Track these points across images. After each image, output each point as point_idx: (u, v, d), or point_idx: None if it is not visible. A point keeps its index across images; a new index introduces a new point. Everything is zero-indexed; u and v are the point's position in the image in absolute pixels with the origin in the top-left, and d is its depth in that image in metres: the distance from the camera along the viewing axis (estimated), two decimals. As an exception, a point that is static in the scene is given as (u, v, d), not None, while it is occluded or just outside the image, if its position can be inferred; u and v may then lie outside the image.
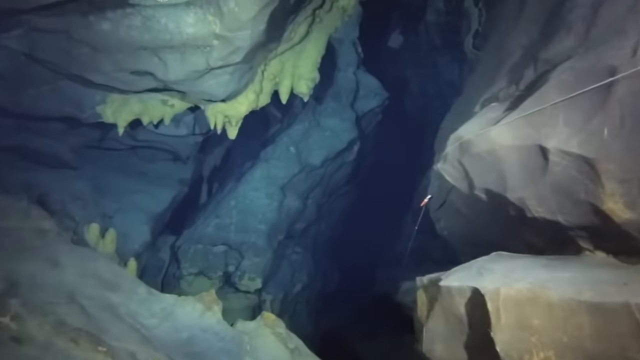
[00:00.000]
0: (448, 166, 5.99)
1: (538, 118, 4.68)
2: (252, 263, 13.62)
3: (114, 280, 7.66)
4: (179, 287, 13.86)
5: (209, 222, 13.94)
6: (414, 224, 18.32)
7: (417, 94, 19.35)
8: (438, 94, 17.81)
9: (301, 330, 17.09)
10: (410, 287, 11.98)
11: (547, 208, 4.85)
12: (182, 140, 13.62)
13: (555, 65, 5.02)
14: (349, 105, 14.94)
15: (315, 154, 14.19)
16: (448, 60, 15.95)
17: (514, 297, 4.00)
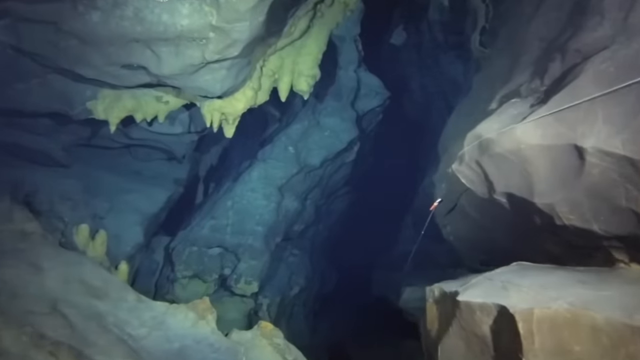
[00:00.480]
0: (464, 168, 5.42)
1: (572, 114, 4.12)
2: (248, 266, 13.03)
3: (101, 287, 7.08)
4: (173, 290, 13.27)
5: (205, 224, 13.35)
6: (414, 226, 17.78)
7: (417, 93, 18.76)
8: (440, 93, 17.25)
9: (298, 335, 16.60)
10: (413, 293, 11.42)
11: (580, 215, 4.29)
12: (177, 139, 13.03)
13: (588, 55, 4.47)
14: (349, 105, 14.36)
15: (315, 154, 13.61)
16: (451, 58, 15.39)
17: (551, 318, 3.44)
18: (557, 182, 4.31)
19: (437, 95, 17.60)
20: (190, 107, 11.73)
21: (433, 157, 18.71)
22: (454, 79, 15.48)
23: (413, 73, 18.62)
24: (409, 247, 18.13)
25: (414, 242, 17.72)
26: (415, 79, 18.65)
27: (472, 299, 4.23)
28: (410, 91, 19.08)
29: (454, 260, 13.50)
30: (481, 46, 11.31)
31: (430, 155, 18.85)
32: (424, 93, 18.61)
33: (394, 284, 17.77)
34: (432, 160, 18.40)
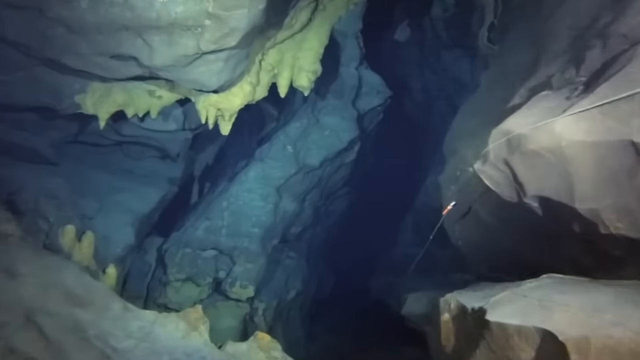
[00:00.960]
0: (489, 168, 4.78)
1: (625, 106, 3.50)
2: (244, 269, 12.38)
3: (84, 294, 6.42)
4: (165, 293, 12.60)
5: (199, 225, 12.68)
6: (415, 229, 17.13)
7: (418, 92, 18.13)
8: (442, 92, 16.65)
9: (295, 340, 15.95)
10: (417, 300, 10.79)
11: (631, 223, 3.66)
12: (171, 136, 12.35)
13: (638, 40, 3.85)
14: (350, 103, 13.73)
15: (314, 154, 12.96)
16: (455, 56, 14.79)
17: (613, 350, 2.81)
18: (604, 184, 3.68)
19: (439, 95, 17.01)
20: (185, 103, 11.08)
21: (435, 157, 18.11)
22: (458, 77, 14.89)
23: (414, 71, 18.01)
24: (409, 250, 17.51)
25: (414, 245, 17.13)
26: (416, 77, 18.04)
27: (505, 320, 3.60)
28: (411, 90, 18.47)
29: (458, 265, 12.90)
30: (489, 42, 10.69)
31: (432, 156, 18.25)
32: (425, 92, 18.00)
33: (393, 288, 17.14)
34: (433, 160, 17.80)
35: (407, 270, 16.40)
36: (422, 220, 16.25)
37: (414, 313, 10.10)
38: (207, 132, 16.22)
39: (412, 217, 17.81)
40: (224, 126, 9.80)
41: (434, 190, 14.65)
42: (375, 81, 14.43)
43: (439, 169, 14.75)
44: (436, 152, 18.29)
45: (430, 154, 18.69)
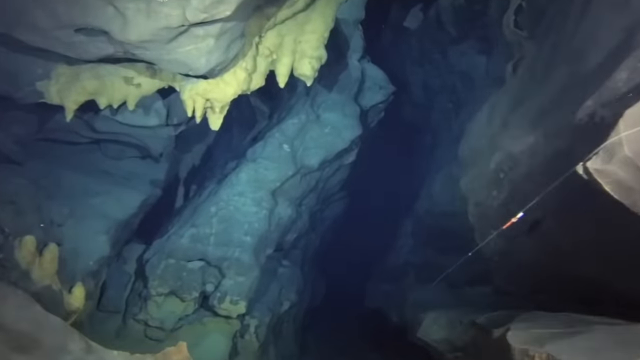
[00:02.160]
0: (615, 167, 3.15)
1: None
2: (234, 283, 10.68)
3: (29, 333, 4.70)
4: (146, 308, 10.86)
5: (184, 233, 10.93)
6: (414, 235, 15.49)
7: (417, 90, 16.49)
8: (444, 89, 15.06)
9: (288, 355, 14.29)
10: (436, 322, 9.17)
11: None
12: (153, 133, 10.60)
13: None
14: (352, 99, 12.09)
15: (312, 154, 11.29)
16: (462, 50, 13.21)
17: None
18: None
19: (440, 92, 15.43)
20: (168, 94, 9.39)
21: (434, 159, 16.58)
22: (466, 72, 13.34)
23: (413, 67, 16.39)
24: (409, 257, 15.94)
25: (414, 252, 15.53)
26: (416, 73, 16.42)
27: None
28: (409, 87, 16.85)
29: (473, 277, 11.32)
30: (516, 28, 9.11)
31: (430, 158, 16.71)
32: (426, 89, 16.41)
33: (393, 297, 15.50)
34: (432, 163, 16.26)
35: (408, 278, 14.82)
36: (425, 227, 14.69)
37: (432, 337, 8.49)
38: (193, 129, 14.49)
39: (412, 223, 16.22)
40: (214, 120, 8.11)
41: (443, 195, 13.10)
42: (378, 75, 12.83)
43: (444, 172, 13.21)
44: (435, 154, 16.77)
45: (427, 155, 17.14)
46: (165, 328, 10.97)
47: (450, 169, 12.08)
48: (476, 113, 9.51)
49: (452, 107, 14.93)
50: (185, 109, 8.13)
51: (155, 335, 11.03)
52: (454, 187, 11.71)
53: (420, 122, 17.87)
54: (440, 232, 13.26)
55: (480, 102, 10.69)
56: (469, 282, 11.64)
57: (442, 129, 15.70)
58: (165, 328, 10.97)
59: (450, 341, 7.97)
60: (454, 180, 11.74)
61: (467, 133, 9.77)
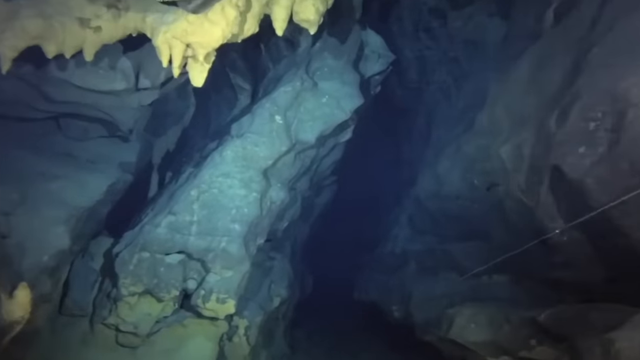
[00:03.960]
0: None
1: None
2: (221, 279, 8.70)
3: None
4: (116, 311, 8.85)
5: (160, 221, 8.89)
6: (411, 222, 13.64)
7: (411, 63, 14.60)
8: (443, 61, 13.27)
9: (279, 355, 12.37)
10: (474, 320, 7.28)
11: None
12: (120, 101, 8.51)
13: None
14: (351, 65, 10.18)
15: (308, 127, 9.36)
16: (469, 12, 11.41)
17: None
18: None
19: (439, 66, 13.63)
20: (137, 46, 7.37)
21: (433, 140, 14.80)
22: (473, 40, 11.56)
23: (404, 40, 14.51)
24: (405, 245, 14.11)
25: (411, 240, 13.69)
26: (408, 47, 14.53)
27: None
28: (402, 60, 14.97)
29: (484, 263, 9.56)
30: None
31: (428, 139, 14.92)
32: (420, 64, 14.57)
33: (389, 289, 13.72)
34: (431, 144, 14.49)
35: (408, 268, 13.01)
36: (427, 212, 12.87)
37: (471, 339, 6.70)
38: (168, 108, 12.56)
39: (408, 210, 14.41)
40: (197, 73, 6.12)
41: (452, 175, 11.30)
42: (376, 42, 10.96)
43: (451, 150, 11.39)
44: (432, 135, 14.98)
45: (422, 137, 15.34)
46: (140, 333, 8.98)
47: (461, 146, 10.29)
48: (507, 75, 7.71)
49: (453, 82, 13.15)
50: (159, 68, 6.16)
51: (128, 341, 9.04)
52: (468, 165, 9.94)
53: (412, 102, 16.07)
54: (447, 217, 11.48)
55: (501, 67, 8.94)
56: (487, 271, 9.89)
57: (439, 107, 13.91)
58: (139, 333, 8.97)
59: (497, 344, 6.20)
60: (467, 158, 9.98)
61: (496, 98, 7.95)
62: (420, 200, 12.75)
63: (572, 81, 5.24)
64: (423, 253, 12.15)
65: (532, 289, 8.02)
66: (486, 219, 9.96)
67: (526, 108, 6.43)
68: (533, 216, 6.12)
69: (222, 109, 13.58)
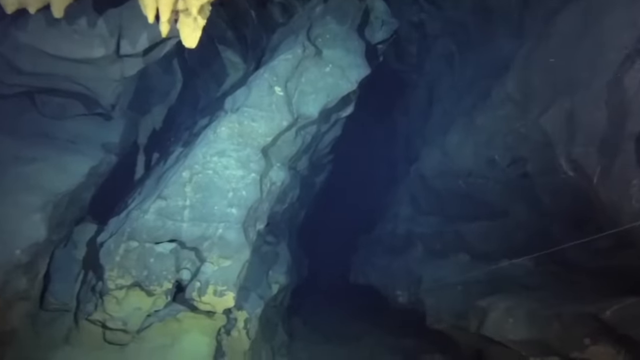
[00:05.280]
0: None
1: None
2: (219, 269, 7.67)
3: None
4: (103, 306, 7.82)
5: (148, 207, 7.82)
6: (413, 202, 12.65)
7: (410, 32, 13.42)
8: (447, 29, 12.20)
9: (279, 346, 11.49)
10: (512, 315, 6.17)
11: None
12: (100, 72, 7.30)
13: None
14: (355, 31, 9.12)
15: (311, 100, 8.30)
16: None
17: None
18: None
19: (442, 34, 12.55)
20: (117, 4, 6.25)
21: (436, 114, 13.81)
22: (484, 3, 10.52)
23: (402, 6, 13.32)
24: (409, 226, 13.16)
25: (414, 220, 12.74)
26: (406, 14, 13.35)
27: None
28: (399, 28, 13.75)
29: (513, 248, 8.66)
30: None
31: (430, 114, 13.92)
32: (419, 32, 13.45)
33: (393, 273, 12.82)
34: (434, 119, 13.50)
35: (415, 251, 12.11)
36: (432, 191, 11.90)
37: (511, 337, 5.81)
38: (152, 84, 11.44)
39: (410, 188, 13.47)
40: (189, 31, 5.02)
41: (463, 150, 10.35)
42: (380, 7, 9.87)
43: (461, 124, 10.40)
44: (434, 108, 13.98)
45: (423, 112, 14.34)
46: (129, 329, 7.99)
47: (474, 119, 9.33)
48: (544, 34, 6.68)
49: (457, 50, 12.13)
50: (143, 24, 5.07)
51: (116, 338, 8.06)
52: (484, 139, 9.00)
53: (409, 73, 15.02)
54: (456, 196, 10.58)
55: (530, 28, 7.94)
56: (507, 254, 9.01)
57: (442, 78, 12.90)
58: (129, 329, 7.98)
59: (545, 342, 5.32)
60: (482, 131, 9.03)
61: (527, 62, 6.94)
62: (425, 178, 11.82)
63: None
64: (430, 235, 11.26)
65: (567, 278, 7.15)
66: (503, 198, 9.08)
67: (577, 68, 5.46)
68: (588, 194, 5.19)
69: (211, 85, 12.47)
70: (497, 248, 8.99)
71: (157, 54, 7.11)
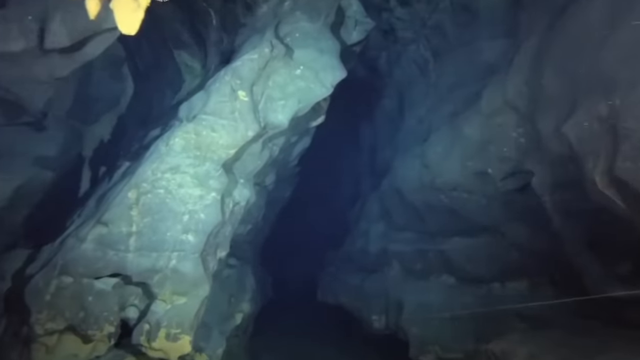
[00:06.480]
0: None
1: None
2: (172, 308, 6.30)
3: None
4: (30, 355, 6.30)
5: (86, 234, 6.39)
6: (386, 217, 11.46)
7: (378, 35, 12.26)
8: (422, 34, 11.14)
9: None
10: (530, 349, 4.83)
11: None
12: (24, 71, 5.83)
13: None
14: (328, 29, 7.91)
15: (279, 107, 7.05)
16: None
17: None
18: None
19: (415, 39, 11.46)
20: None
21: (408, 125, 12.73)
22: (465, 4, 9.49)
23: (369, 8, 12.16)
24: (383, 244, 11.90)
25: (388, 237, 11.52)
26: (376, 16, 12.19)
27: None
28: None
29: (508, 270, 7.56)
30: None
31: (402, 124, 12.82)
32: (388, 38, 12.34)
33: (366, 294, 11.58)
34: (408, 129, 12.40)
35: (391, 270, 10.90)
36: (408, 206, 10.69)
37: None
38: (98, 90, 10.06)
39: (381, 203, 12.30)
40: (126, 13, 3.69)
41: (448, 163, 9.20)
42: (353, 6, 8.70)
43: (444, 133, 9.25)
44: (405, 119, 12.88)
45: (393, 121, 13.24)
46: (63, 383, 6.48)
47: (460, 128, 8.23)
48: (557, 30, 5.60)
49: (432, 56, 11.07)
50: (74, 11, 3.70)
51: (48, 393, 6.52)
52: (472, 150, 7.91)
53: (375, 80, 13.88)
54: (436, 212, 9.45)
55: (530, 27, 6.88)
56: (499, 277, 7.90)
57: (415, 85, 11.82)
58: (62, 383, 6.48)
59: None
60: (470, 142, 7.93)
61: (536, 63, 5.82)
62: (401, 191, 10.67)
63: None
64: (409, 253, 10.10)
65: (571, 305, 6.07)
66: (494, 214, 7.99)
67: (613, 64, 4.38)
68: (621, 214, 4.10)
69: (166, 92, 11.12)
70: (487, 270, 7.92)
71: (93, 49, 5.71)
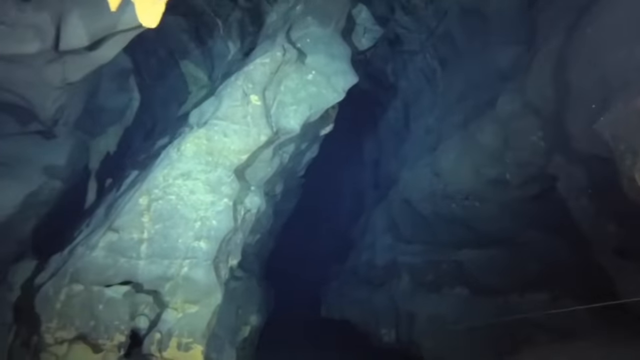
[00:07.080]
0: None
1: None
2: (184, 316, 6.15)
3: None
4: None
5: (97, 242, 6.25)
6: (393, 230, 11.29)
7: (383, 44, 12.14)
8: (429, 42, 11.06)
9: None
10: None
11: None
12: (36, 75, 5.72)
13: None
14: (339, 35, 7.84)
15: (292, 112, 6.96)
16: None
17: None
18: None
19: (423, 48, 11.40)
20: None
21: (415, 134, 12.63)
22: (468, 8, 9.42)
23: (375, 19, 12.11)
24: (391, 256, 11.78)
25: (395, 248, 11.40)
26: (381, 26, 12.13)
27: None
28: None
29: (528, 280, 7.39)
30: None
31: (407, 133, 12.71)
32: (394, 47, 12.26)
33: (375, 307, 11.37)
34: (414, 139, 12.30)
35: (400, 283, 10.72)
36: (417, 217, 10.59)
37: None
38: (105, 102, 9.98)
39: (387, 214, 12.12)
40: (147, 5, 3.61)
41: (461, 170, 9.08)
42: (361, 13, 8.65)
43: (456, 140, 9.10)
44: (411, 127, 12.79)
45: (399, 131, 13.12)
46: (73, 393, 6.29)
47: (474, 134, 8.11)
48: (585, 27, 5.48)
49: (439, 64, 10.99)
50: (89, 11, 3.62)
51: (56, 404, 6.33)
52: (488, 157, 7.79)
53: (380, 90, 13.77)
54: (447, 221, 9.30)
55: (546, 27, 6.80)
56: (517, 287, 7.72)
57: (422, 95, 11.72)
58: (72, 393, 6.28)
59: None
60: (485, 148, 7.81)
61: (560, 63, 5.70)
62: (410, 202, 10.51)
63: None
64: (419, 265, 9.90)
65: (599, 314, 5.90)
66: (510, 222, 7.85)
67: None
68: None
69: (172, 104, 11.02)
70: (503, 280, 7.72)
71: (107, 51, 5.61)
